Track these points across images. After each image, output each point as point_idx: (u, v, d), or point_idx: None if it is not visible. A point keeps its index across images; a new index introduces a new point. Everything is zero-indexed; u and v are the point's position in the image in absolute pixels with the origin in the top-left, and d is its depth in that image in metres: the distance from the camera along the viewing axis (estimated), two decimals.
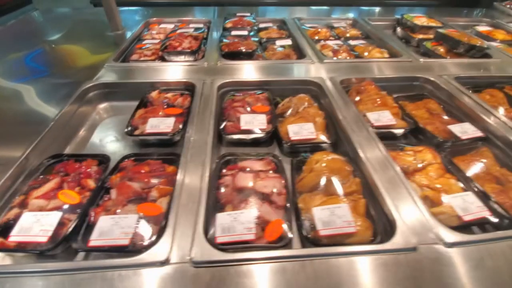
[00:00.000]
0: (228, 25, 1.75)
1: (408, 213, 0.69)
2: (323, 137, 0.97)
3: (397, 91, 1.28)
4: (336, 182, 0.79)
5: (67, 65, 1.47)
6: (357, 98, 1.18)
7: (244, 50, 1.40)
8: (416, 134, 1.08)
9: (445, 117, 1.11)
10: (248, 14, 1.91)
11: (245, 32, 1.60)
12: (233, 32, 1.60)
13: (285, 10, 2.41)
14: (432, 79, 1.26)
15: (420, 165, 0.87)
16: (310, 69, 1.33)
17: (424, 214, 0.69)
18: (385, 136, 1.05)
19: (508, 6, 2.37)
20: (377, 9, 2.63)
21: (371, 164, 0.83)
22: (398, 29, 1.97)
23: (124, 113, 1.09)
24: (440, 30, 1.67)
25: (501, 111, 1.12)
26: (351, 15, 2.25)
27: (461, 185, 0.82)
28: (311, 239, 0.67)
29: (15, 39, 1.79)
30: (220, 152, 0.95)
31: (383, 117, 1.06)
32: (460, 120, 1.08)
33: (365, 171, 0.82)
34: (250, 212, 0.70)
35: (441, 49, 1.62)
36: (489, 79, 1.34)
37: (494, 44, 1.76)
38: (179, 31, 1.61)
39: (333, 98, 1.13)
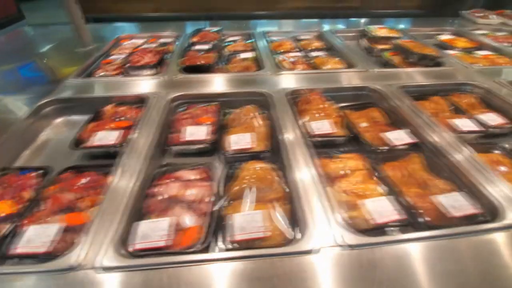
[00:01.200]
0: (194, 39, 1.82)
1: (317, 218, 0.72)
2: (260, 146, 1.01)
3: (347, 100, 1.33)
4: (260, 190, 0.83)
5: (32, 81, 1.54)
6: (304, 108, 1.23)
7: (202, 64, 1.46)
8: (356, 142, 1.13)
9: (386, 125, 1.16)
10: (215, 28, 1.99)
11: (206, 46, 1.67)
12: (196, 47, 1.67)
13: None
14: (378, 88, 1.32)
15: (346, 172, 0.91)
16: (265, 81, 1.39)
17: (331, 219, 0.72)
18: (326, 144, 1.10)
19: (477, 14, 2.46)
20: (362, 20, 2.71)
21: (298, 171, 0.86)
22: (363, 40, 2.04)
23: (79, 127, 1.13)
24: (396, 41, 1.74)
25: (436, 118, 1.17)
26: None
27: (383, 190, 0.86)
28: (229, 244, 0.71)
29: None
30: (163, 163, 1.00)
31: (324, 126, 1.10)
32: (399, 128, 1.13)
33: (291, 178, 0.86)
34: (169, 220, 0.74)
35: (397, 59, 1.69)
36: (435, 87, 1.39)
37: (451, 52, 1.83)
38: (144, 46, 1.67)
39: (279, 108, 1.18)
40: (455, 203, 0.80)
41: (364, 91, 1.34)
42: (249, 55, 1.73)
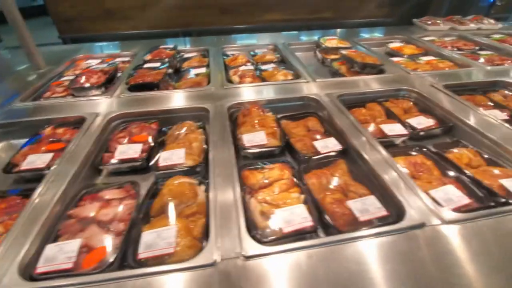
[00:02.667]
0: (147, 57, 1.85)
1: (225, 231, 0.73)
2: (190, 161, 1.03)
3: (289, 110, 1.37)
4: (179, 205, 0.84)
5: None
6: (243, 121, 1.26)
7: (148, 82, 1.48)
8: (290, 151, 1.15)
9: (320, 133, 1.20)
10: (171, 46, 2.03)
11: (158, 64, 1.70)
12: (147, 65, 1.70)
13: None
14: (315, 97, 1.36)
15: (268, 182, 0.93)
16: (210, 96, 1.42)
17: (241, 231, 0.73)
18: (261, 156, 1.13)
19: (427, 22, 2.58)
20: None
21: (221, 185, 0.88)
22: (317, 51, 2.12)
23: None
24: (342, 51, 1.82)
25: (368, 124, 1.22)
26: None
27: (302, 198, 0.88)
28: (135, 262, 0.71)
29: None
30: (96, 182, 1.01)
31: (257, 138, 1.13)
32: (332, 135, 1.17)
33: (212, 192, 0.87)
34: (79, 241, 0.74)
35: (344, 68, 1.75)
36: (375, 94, 1.45)
37: (396, 59, 1.91)
38: (95, 66, 1.69)
39: (218, 122, 1.20)
40: (367, 206, 0.82)
41: (303, 101, 1.39)
42: (201, 70, 1.77)
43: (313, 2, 5.30)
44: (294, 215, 0.80)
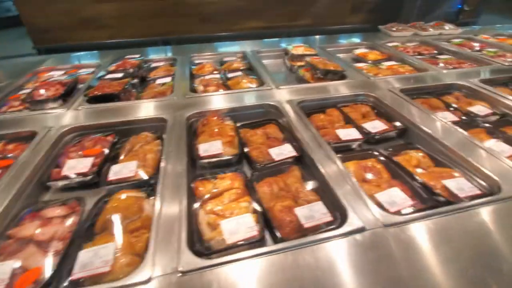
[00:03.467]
0: (111, 68, 1.82)
1: (163, 246, 0.72)
2: (142, 174, 1.01)
3: (250, 118, 1.38)
4: (124, 220, 0.82)
5: None
6: (201, 131, 1.25)
7: (107, 93, 1.45)
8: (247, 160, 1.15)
9: (278, 140, 1.21)
10: (137, 56, 2.01)
11: (120, 75, 1.68)
12: (109, 76, 1.67)
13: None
14: (275, 104, 1.38)
15: (218, 192, 0.92)
16: (169, 106, 1.40)
17: (181, 245, 0.72)
18: (217, 165, 1.12)
19: (392, 28, 2.68)
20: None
21: (168, 197, 0.87)
22: (285, 59, 2.15)
23: None
24: (307, 58, 1.85)
25: (326, 129, 1.24)
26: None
27: (252, 207, 0.88)
28: (69, 283, 0.68)
29: None
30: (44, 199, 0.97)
31: (213, 147, 1.12)
32: (289, 142, 1.18)
33: (160, 205, 0.86)
34: (10, 263, 0.70)
35: (309, 75, 1.78)
36: (335, 99, 1.48)
37: (359, 65, 1.96)
38: (53, 78, 1.65)
39: (175, 133, 1.19)
40: (313, 213, 0.83)
41: (263, 109, 1.40)
42: (167, 80, 1.76)
43: (292, 10, 5.43)
44: (240, 225, 0.79)
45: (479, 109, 1.38)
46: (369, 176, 1.01)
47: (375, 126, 1.26)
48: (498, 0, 6.66)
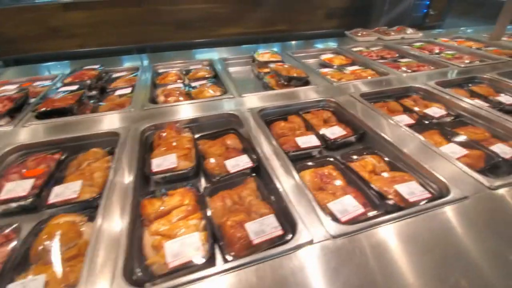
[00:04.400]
0: (68, 80, 1.74)
1: (97, 274, 0.67)
2: (87, 195, 0.95)
3: (211, 128, 1.34)
4: (58, 248, 0.76)
5: None
6: (157, 144, 1.20)
7: (58, 107, 1.37)
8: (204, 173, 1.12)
9: (238, 151, 1.18)
10: (97, 66, 1.93)
11: (75, 87, 1.60)
12: (62, 88, 1.58)
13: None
14: (236, 113, 1.35)
15: (167, 210, 0.87)
16: (125, 119, 1.34)
17: (116, 272, 0.67)
18: (172, 180, 1.08)
19: (358, 33, 2.75)
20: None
21: (106, 219, 0.81)
22: (253, 66, 2.15)
23: None
24: (271, 65, 1.85)
25: (286, 137, 1.23)
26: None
27: (202, 224, 0.84)
28: None
29: None
30: None
31: (167, 161, 1.08)
32: (248, 152, 1.15)
33: (99, 228, 0.80)
34: None
35: (274, 82, 1.78)
36: (297, 106, 1.47)
37: (324, 70, 1.99)
38: (3, 93, 1.54)
39: (128, 148, 1.13)
40: (264, 227, 0.80)
41: (224, 118, 1.37)
42: (127, 91, 1.69)
43: (267, 15, 5.49)
44: (185, 246, 0.75)
45: (435, 111, 1.42)
46: (325, 184, 1.00)
47: (335, 132, 1.26)
48: (461, 4, 7.06)
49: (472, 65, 1.96)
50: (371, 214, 0.85)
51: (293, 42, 2.79)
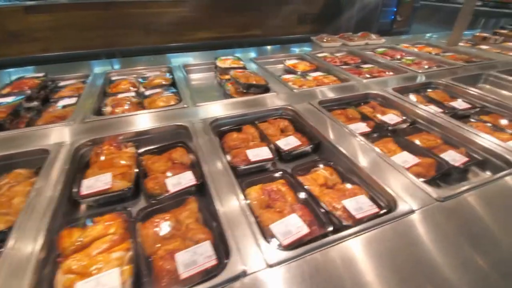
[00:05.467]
0: (5, 90, 1.57)
1: None
2: (1, 225, 0.82)
3: (159, 142, 1.24)
4: None
5: None
6: (93, 162, 1.08)
7: None
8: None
9: (184, 167, 1.09)
10: (40, 74, 1.76)
11: (10, 99, 1.44)
12: None
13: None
14: (185, 125, 1.26)
15: (85, 241, 0.77)
16: (61, 133, 1.21)
17: None
18: (105, 203, 0.97)
19: (323, 39, 2.75)
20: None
21: (11, 257, 0.69)
22: (215, 72, 2.07)
23: None
24: (230, 72, 1.78)
25: (238, 149, 1.15)
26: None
27: (129, 256, 0.74)
28: None
29: None
30: None
31: (100, 182, 0.96)
32: (192, 169, 1.06)
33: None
34: None
35: (232, 89, 1.71)
36: (252, 115, 1.41)
37: (287, 76, 1.94)
38: None
39: (57, 168, 1.01)
40: (197, 257, 0.72)
41: (172, 130, 1.27)
42: (71, 101, 1.55)
43: (241, 20, 5.45)
44: (99, 286, 0.65)
45: (391, 117, 1.41)
46: (273, 201, 0.93)
47: (289, 142, 1.21)
48: (425, 11, 7.42)
49: (430, 70, 2.00)
50: (317, 233, 0.79)
51: (269, 47, 2.75)
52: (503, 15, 5.56)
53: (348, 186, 0.99)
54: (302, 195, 0.95)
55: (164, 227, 0.83)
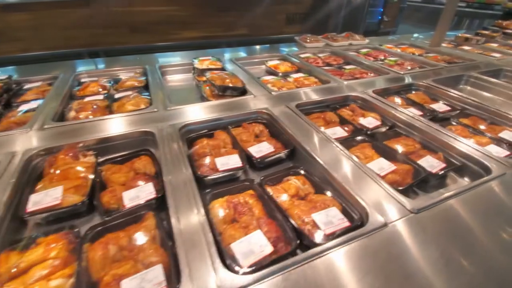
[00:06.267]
0: None
1: None
2: None
3: (123, 150, 1.16)
4: None
5: None
6: (47, 173, 0.99)
7: None
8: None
9: (148, 178, 1.01)
10: (3, 77, 1.65)
11: None
12: None
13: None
14: (151, 131, 1.18)
15: (23, 266, 0.68)
16: (14, 142, 1.11)
17: None
18: (55, 220, 0.88)
19: (307, 39, 2.70)
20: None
21: None
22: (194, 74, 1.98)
23: None
24: (206, 74, 1.70)
25: (207, 157, 1.08)
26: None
27: (70, 283, 0.66)
28: None
29: None
30: None
31: (49, 197, 0.88)
32: (158, 179, 0.99)
33: None
34: None
35: (208, 92, 1.63)
36: (225, 120, 1.33)
37: (266, 78, 1.88)
38: None
39: (4, 180, 0.92)
40: (144, 284, 0.64)
41: (137, 137, 1.19)
42: (34, 105, 1.45)
43: (228, 20, 5.36)
44: None
45: (369, 121, 1.36)
46: (240, 215, 0.86)
47: (262, 149, 1.14)
48: (412, 11, 7.50)
49: (412, 71, 1.97)
50: (282, 252, 0.73)
51: (258, 47, 2.68)
52: (488, 16, 5.66)
53: (321, 196, 0.93)
54: (271, 207, 0.89)
55: (114, 248, 0.75)
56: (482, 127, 1.38)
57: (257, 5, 5.49)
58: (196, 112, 1.37)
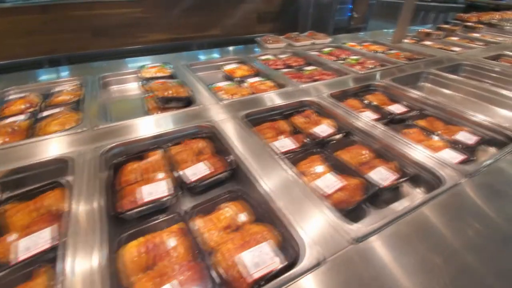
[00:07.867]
0: None
1: None
2: None
3: (32, 182, 0.98)
4: None
5: None
6: None
7: None
8: None
9: (54, 219, 0.85)
10: None
11: None
12: None
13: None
14: (70, 156, 1.02)
15: None
16: None
17: None
18: None
19: (268, 40, 2.59)
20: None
21: None
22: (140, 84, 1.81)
23: None
24: (150, 83, 1.55)
25: (133, 187, 0.94)
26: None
27: None
28: None
29: None
30: None
31: None
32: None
33: None
34: None
35: (151, 104, 1.48)
36: (162, 137, 1.19)
37: (219, 84, 1.74)
38: None
39: None
40: None
41: (49, 166, 1.02)
42: None
43: (198, 20, 5.17)
44: None
45: (323, 129, 1.27)
46: (158, 260, 0.73)
47: (197, 171, 1.01)
48: (380, 8, 7.61)
49: (372, 70, 1.91)
50: None
51: (231, 48, 2.54)
52: (453, 10, 5.81)
53: (258, 226, 0.81)
54: (197, 245, 0.76)
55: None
56: (439, 128, 1.32)
57: (227, 4, 5.35)
58: (133, 130, 1.21)
